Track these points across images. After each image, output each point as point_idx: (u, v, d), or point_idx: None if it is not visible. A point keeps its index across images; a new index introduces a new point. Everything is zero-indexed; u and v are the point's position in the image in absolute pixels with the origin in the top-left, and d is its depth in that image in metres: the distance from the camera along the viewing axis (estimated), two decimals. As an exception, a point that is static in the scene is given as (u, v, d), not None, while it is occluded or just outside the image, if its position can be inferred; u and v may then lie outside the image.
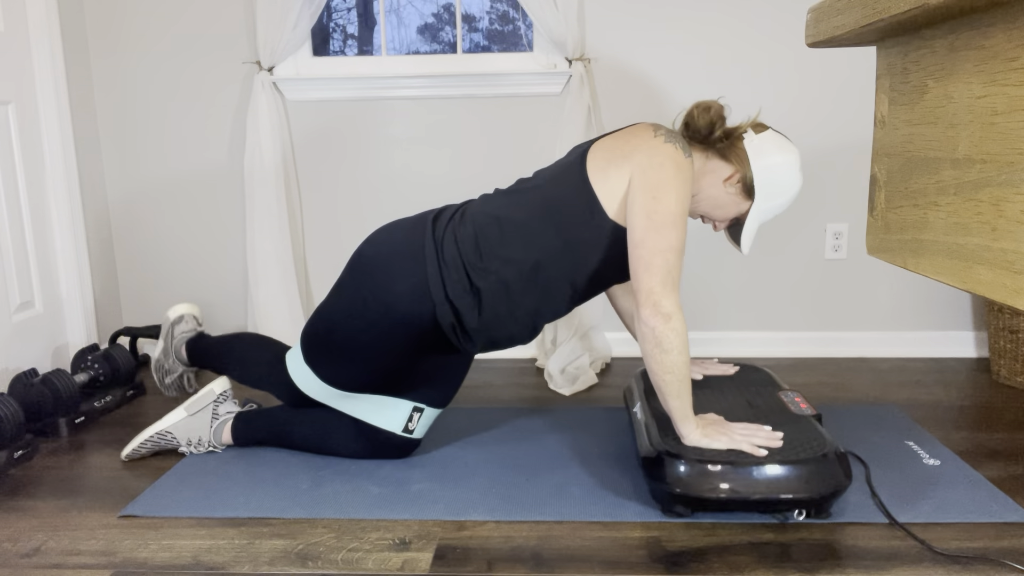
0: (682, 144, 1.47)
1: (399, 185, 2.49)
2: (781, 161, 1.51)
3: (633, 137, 1.48)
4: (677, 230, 1.41)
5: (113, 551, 1.38)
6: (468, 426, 1.93)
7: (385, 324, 1.53)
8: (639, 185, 1.43)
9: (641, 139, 1.47)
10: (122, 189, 2.53)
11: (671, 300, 1.40)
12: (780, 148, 1.51)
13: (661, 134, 1.47)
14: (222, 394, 1.79)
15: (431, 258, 1.51)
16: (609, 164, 1.47)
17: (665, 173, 1.42)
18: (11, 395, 1.93)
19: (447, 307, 1.51)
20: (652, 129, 1.48)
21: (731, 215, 1.58)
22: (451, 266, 1.50)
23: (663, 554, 1.34)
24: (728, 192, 1.54)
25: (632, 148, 1.46)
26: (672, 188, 1.41)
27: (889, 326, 2.51)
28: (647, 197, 1.41)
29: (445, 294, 1.50)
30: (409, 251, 1.53)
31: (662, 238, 1.40)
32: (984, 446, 1.76)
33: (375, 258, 1.55)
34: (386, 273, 1.53)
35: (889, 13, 0.63)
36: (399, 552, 1.36)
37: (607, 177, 1.46)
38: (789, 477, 1.36)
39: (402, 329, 1.54)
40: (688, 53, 2.36)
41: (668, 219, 1.40)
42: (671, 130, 1.50)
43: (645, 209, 1.41)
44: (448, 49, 2.63)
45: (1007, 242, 0.59)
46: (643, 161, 1.44)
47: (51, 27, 2.24)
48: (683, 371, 1.42)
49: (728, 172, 1.53)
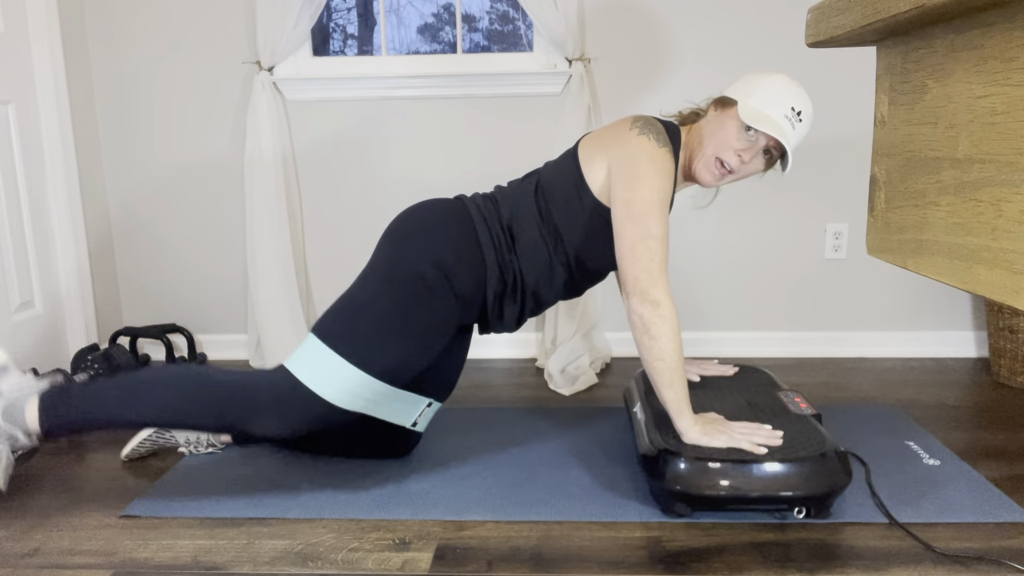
0: (656, 134, 1.49)
1: (399, 185, 2.49)
2: (743, 77, 1.54)
3: (613, 129, 1.54)
4: (655, 218, 1.43)
5: (113, 551, 1.38)
6: (468, 426, 1.93)
7: (438, 282, 1.48)
8: (616, 177, 1.48)
9: (618, 132, 1.52)
10: (122, 189, 2.53)
11: (658, 287, 1.42)
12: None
13: (637, 126, 1.50)
14: None
15: (481, 226, 1.53)
16: (594, 153, 1.53)
17: (638, 165, 1.46)
18: (11, 395, 1.93)
19: (497, 271, 1.53)
20: (630, 122, 1.52)
21: (733, 136, 1.48)
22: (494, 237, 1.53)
23: (663, 554, 1.34)
24: (711, 122, 1.53)
25: (610, 140, 1.52)
26: (646, 178, 1.45)
27: (889, 326, 2.51)
28: (624, 188, 1.46)
29: (497, 260, 1.53)
30: (458, 218, 1.54)
31: (641, 227, 1.43)
32: (984, 446, 1.76)
33: (422, 227, 1.53)
34: (439, 237, 1.51)
35: (889, 13, 0.63)
36: (399, 552, 1.36)
37: (592, 164, 1.53)
38: (788, 475, 1.36)
39: (458, 287, 1.50)
40: (688, 53, 2.36)
41: (645, 208, 1.44)
42: (650, 120, 1.52)
43: (623, 200, 1.45)
44: (448, 49, 2.63)
45: (1007, 242, 0.59)
46: (618, 154, 1.49)
47: (51, 27, 2.24)
48: (674, 358, 1.43)
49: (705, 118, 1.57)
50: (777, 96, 1.45)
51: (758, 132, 1.47)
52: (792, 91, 1.46)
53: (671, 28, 2.35)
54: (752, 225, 2.46)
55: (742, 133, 1.48)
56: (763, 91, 1.46)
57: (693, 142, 1.56)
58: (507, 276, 1.54)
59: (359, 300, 1.48)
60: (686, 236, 2.48)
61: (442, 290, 1.48)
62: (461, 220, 1.53)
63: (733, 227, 2.47)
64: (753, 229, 2.46)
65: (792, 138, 1.46)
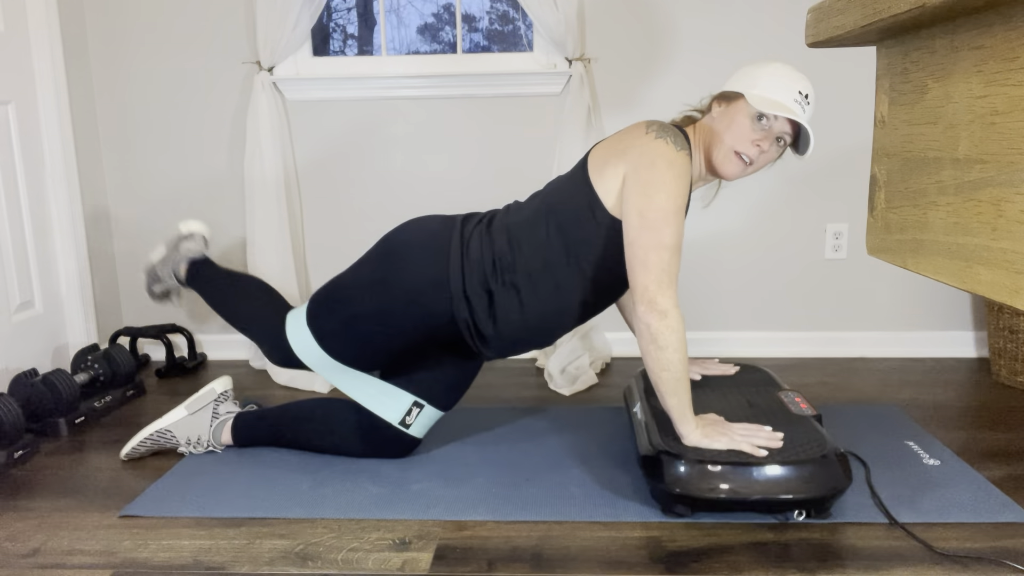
0: (674, 137, 1.47)
1: (399, 185, 2.49)
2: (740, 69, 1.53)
3: (627, 136, 1.51)
4: (670, 227, 1.42)
5: (113, 551, 1.38)
6: (468, 426, 1.93)
7: (400, 307, 1.57)
8: (632, 183, 1.45)
9: (634, 137, 1.50)
10: (122, 189, 2.53)
11: (667, 297, 1.41)
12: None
13: (653, 130, 1.49)
14: (223, 393, 1.80)
15: (455, 254, 1.56)
16: (606, 164, 1.50)
17: (656, 170, 1.43)
18: (11, 395, 1.93)
19: (463, 302, 1.55)
20: (645, 126, 1.51)
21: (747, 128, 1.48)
22: (473, 266, 1.55)
23: (663, 554, 1.34)
24: (720, 118, 1.52)
25: (626, 146, 1.49)
26: (663, 185, 1.42)
27: (889, 326, 2.50)
28: (639, 195, 1.43)
29: (463, 288, 1.54)
30: (437, 244, 1.58)
31: (655, 235, 1.41)
32: (984, 446, 1.76)
33: (405, 244, 1.60)
34: (412, 260, 1.57)
35: (889, 13, 0.63)
36: (399, 552, 1.36)
37: (604, 176, 1.50)
38: (789, 477, 1.36)
39: (417, 314, 1.57)
40: (688, 53, 2.36)
41: (660, 216, 1.42)
42: (664, 124, 1.51)
43: (638, 207, 1.43)
44: (448, 49, 2.63)
45: (1007, 242, 0.59)
46: (635, 159, 1.46)
47: (51, 27, 2.24)
48: (679, 368, 1.43)
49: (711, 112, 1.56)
50: (783, 82, 1.45)
51: (771, 120, 1.46)
52: (795, 76, 1.47)
53: (671, 28, 2.35)
54: (752, 225, 2.46)
55: (756, 123, 1.47)
56: (767, 79, 1.46)
57: (704, 140, 1.55)
58: (477, 309, 1.55)
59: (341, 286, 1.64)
60: (687, 236, 2.48)
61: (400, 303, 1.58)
62: (441, 247, 1.57)
63: (733, 227, 2.47)
64: (753, 229, 2.46)
65: (806, 120, 1.46)
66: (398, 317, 1.58)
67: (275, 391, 2.25)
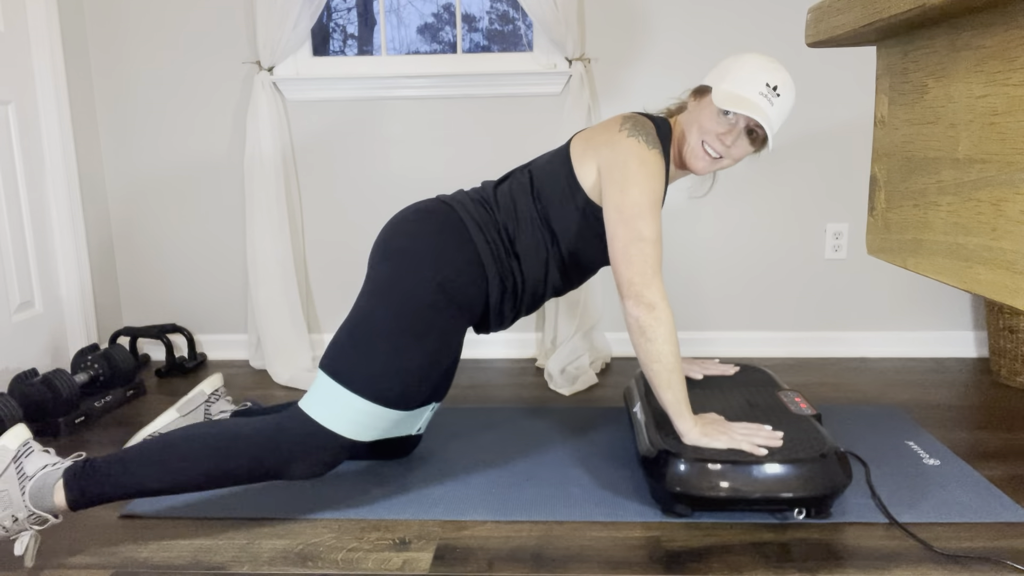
0: (646, 135, 1.48)
1: (399, 185, 2.49)
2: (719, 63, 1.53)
3: (603, 130, 1.53)
4: (646, 220, 1.43)
5: (113, 551, 1.38)
6: (468, 426, 1.93)
7: (442, 299, 1.45)
8: (606, 180, 1.48)
9: (608, 133, 1.51)
10: (122, 189, 2.53)
11: (653, 289, 1.42)
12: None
13: (626, 128, 1.49)
14: (213, 393, 1.74)
15: (473, 228, 1.50)
16: (584, 152, 1.53)
17: (628, 168, 1.45)
18: (11, 395, 1.93)
19: (505, 270, 1.52)
20: (619, 122, 1.52)
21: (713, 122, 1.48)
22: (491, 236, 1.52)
23: (663, 554, 1.34)
24: (691, 112, 1.53)
25: (600, 142, 1.51)
26: (636, 181, 1.44)
27: (889, 326, 2.50)
28: (614, 191, 1.46)
29: (493, 259, 1.51)
30: (449, 225, 1.50)
31: (633, 229, 1.43)
32: (984, 446, 1.76)
33: (416, 244, 1.48)
34: (431, 248, 1.47)
35: (889, 13, 0.63)
36: (399, 552, 1.36)
37: (583, 164, 1.53)
38: (789, 476, 1.36)
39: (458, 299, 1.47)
40: (688, 53, 2.36)
41: (636, 211, 1.43)
42: (639, 120, 1.51)
43: (614, 203, 1.45)
44: (448, 49, 2.63)
45: (1007, 242, 0.59)
46: (607, 156, 1.48)
47: (51, 27, 2.24)
48: (671, 360, 1.43)
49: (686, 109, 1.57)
50: (749, 75, 1.43)
51: (736, 114, 1.46)
52: (765, 67, 1.44)
53: (671, 28, 2.35)
54: (752, 225, 2.46)
55: (720, 117, 1.47)
56: (735, 72, 1.45)
57: (679, 134, 1.57)
58: (507, 282, 1.53)
59: (365, 330, 1.44)
60: (687, 236, 2.48)
61: (447, 309, 1.46)
62: (456, 230, 1.49)
63: (733, 227, 2.47)
64: (753, 229, 2.46)
65: (772, 114, 1.43)
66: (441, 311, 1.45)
67: (275, 391, 2.25)
